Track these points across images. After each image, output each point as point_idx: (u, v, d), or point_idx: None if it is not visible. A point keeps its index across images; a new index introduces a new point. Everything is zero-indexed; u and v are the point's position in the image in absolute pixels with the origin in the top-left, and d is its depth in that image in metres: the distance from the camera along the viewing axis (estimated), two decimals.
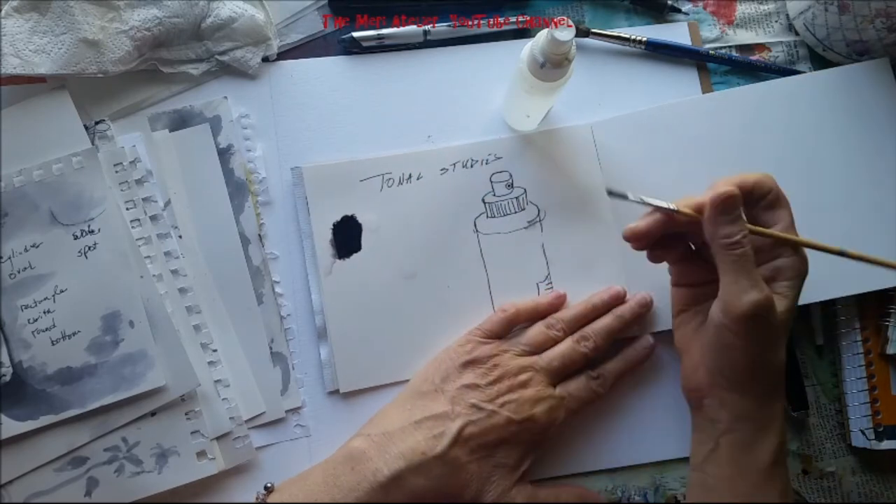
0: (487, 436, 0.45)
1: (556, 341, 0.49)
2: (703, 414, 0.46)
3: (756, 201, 0.44)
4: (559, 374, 0.48)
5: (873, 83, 0.53)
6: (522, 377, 0.47)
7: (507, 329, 0.50)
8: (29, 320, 0.49)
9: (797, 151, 0.53)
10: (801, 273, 0.43)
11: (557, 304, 0.51)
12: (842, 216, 0.52)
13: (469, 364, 0.47)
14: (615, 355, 0.50)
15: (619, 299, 0.51)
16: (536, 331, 0.50)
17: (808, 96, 0.53)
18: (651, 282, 0.52)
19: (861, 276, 0.51)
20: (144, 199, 0.51)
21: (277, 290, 0.52)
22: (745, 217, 0.42)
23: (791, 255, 0.43)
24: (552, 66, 0.43)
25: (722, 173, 0.52)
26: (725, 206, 0.41)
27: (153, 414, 0.49)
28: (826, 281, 0.51)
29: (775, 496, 0.43)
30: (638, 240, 0.44)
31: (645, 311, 0.51)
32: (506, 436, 0.45)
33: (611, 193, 0.44)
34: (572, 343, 0.49)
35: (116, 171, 0.51)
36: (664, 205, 0.43)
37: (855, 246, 0.51)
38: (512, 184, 0.53)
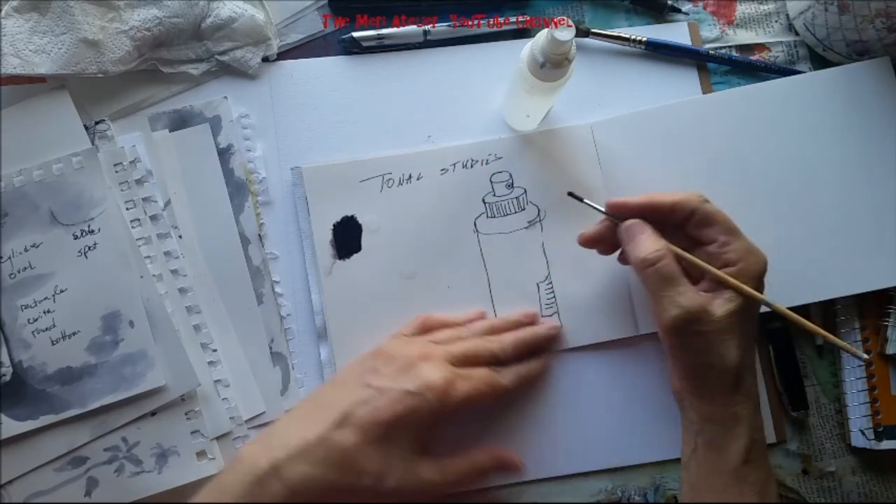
0: (381, 414, 0.42)
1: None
2: (684, 414, 0.47)
3: (683, 221, 0.45)
4: (461, 361, 0.46)
5: (873, 83, 0.53)
6: (423, 354, 0.45)
7: (420, 333, 0.50)
8: (29, 320, 0.49)
9: (797, 151, 0.52)
10: (752, 276, 0.43)
11: (474, 318, 0.51)
12: (842, 215, 0.52)
13: (374, 355, 0.47)
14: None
15: (532, 318, 0.52)
16: (447, 331, 0.50)
17: (809, 96, 0.53)
18: None
19: (861, 276, 0.51)
20: (144, 199, 0.51)
21: (277, 290, 0.52)
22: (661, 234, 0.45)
23: (738, 260, 0.43)
24: (552, 66, 0.43)
25: (721, 173, 0.52)
26: (629, 234, 0.45)
27: (153, 414, 0.49)
28: (826, 281, 0.51)
29: (751, 495, 0.43)
30: (589, 244, 0.48)
31: (554, 333, 0.51)
32: (402, 411, 0.42)
33: (570, 195, 0.48)
34: (479, 340, 0.49)
35: (116, 171, 0.51)
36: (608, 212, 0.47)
37: (855, 245, 0.51)
38: (512, 184, 0.53)
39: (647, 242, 0.44)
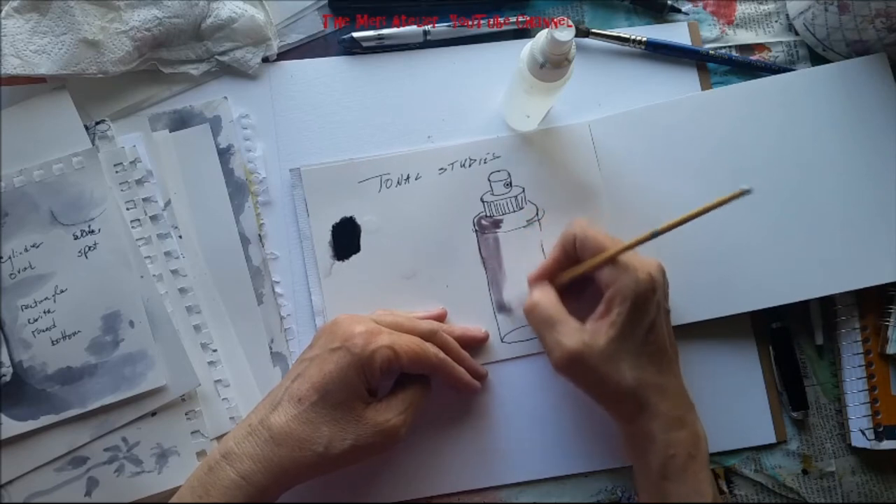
0: (312, 378, 0.43)
1: None
2: None
3: (576, 252, 0.46)
4: (388, 327, 0.46)
5: (870, 78, 0.53)
6: (348, 316, 0.46)
7: None
8: (29, 320, 0.49)
9: (794, 147, 0.52)
10: (626, 296, 0.43)
11: (431, 317, 0.51)
12: (840, 212, 0.52)
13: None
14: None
15: (479, 339, 0.51)
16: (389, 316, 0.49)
17: (806, 92, 0.53)
18: None
19: (859, 272, 0.51)
20: (144, 199, 0.51)
21: (277, 290, 0.52)
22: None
23: (614, 283, 0.43)
24: (552, 66, 0.43)
25: (719, 170, 0.52)
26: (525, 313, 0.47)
27: (153, 414, 0.49)
28: (824, 277, 0.51)
29: None
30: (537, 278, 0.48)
31: (481, 373, 0.51)
32: (331, 368, 0.43)
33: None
34: (412, 318, 0.48)
35: (117, 172, 0.51)
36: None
37: (854, 240, 0.51)
38: (510, 183, 0.53)
39: (530, 294, 0.47)
